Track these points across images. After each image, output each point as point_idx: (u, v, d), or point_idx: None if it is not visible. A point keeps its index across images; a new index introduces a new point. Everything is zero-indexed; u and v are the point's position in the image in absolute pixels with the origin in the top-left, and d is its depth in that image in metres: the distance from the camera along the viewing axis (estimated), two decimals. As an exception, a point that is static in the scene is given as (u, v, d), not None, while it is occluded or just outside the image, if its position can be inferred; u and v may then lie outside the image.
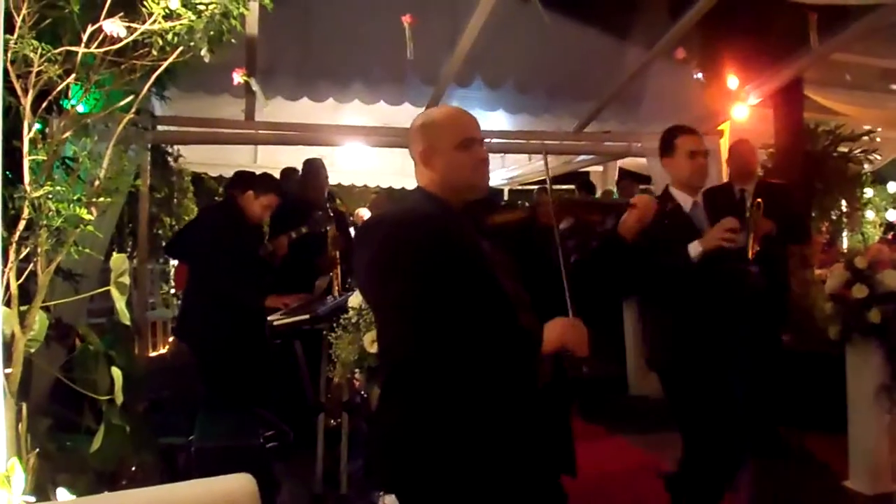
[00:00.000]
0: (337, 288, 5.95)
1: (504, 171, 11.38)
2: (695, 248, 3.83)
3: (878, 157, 10.02)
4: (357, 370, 4.01)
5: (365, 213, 8.79)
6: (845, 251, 9.87)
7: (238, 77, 5.09)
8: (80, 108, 3.47)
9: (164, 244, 9.07)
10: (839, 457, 5.12)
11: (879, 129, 9.64)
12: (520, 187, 12.52)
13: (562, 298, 2.36)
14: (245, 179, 5.71)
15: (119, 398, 3.45)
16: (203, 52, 3.40)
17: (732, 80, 6.97)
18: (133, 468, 4.00)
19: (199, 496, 2.35)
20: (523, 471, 2.35)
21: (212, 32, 3.38)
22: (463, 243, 2.38)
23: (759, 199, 5.53)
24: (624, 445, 6.25)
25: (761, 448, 5.87)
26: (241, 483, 2.37)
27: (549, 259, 2.43)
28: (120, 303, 3.52)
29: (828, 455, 5.50)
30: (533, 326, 2.37)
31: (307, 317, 4.78)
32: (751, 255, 5.41)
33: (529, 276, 2.49)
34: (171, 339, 9.55)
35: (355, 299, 4.09)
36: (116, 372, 3.44)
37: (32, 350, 3.28)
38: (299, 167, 7.75)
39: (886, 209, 13.60)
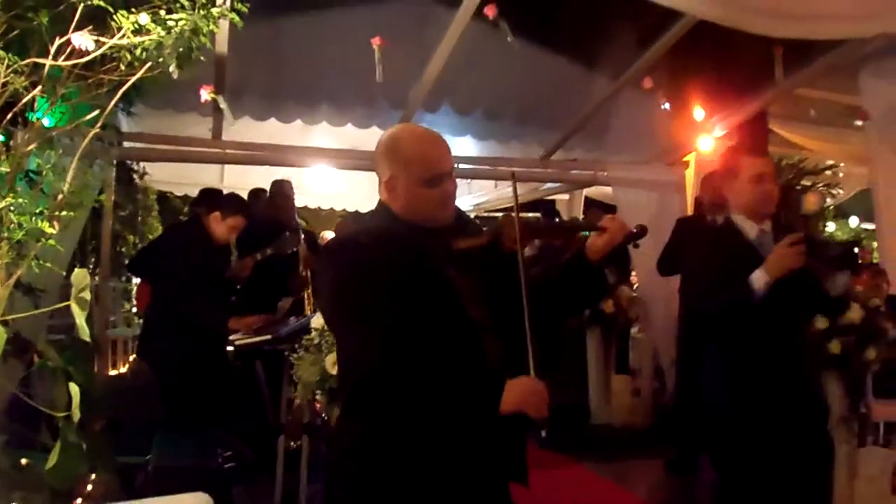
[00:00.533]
0: (309, 307, 5.92)
1: (470, 198, 11.39)
2: (759, 279, 3.41)
3: (841, 192, 10.16)
4: (318, 392, 3.98)
5: (330, 236, 8.77)
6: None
7: (206, 94, 5.09)
8: (46, 122, 3.44)
9: (126, 262, 9.03)
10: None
11: (842, 165, 9.79)
12: (486, 214, 12.54)
13: (523, 329, 2.32)
14: (212, 199, 5.67)
15: (76, 415, 3.40)
16: (172, 69, 3.38)
17: (699, 112, 7.06)
18: (89, 486, 3.94)
19: (156, 514, 2.32)
20: (475, 479, 2.33)
21: (181, 49, 3.37)
22: (425, 267, 2.34)
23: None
24: (586, 474, 6.25)
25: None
26: (197, 501, 2.34)
27: (514, 284, 2.37)
28: (80, 319, 3.48)
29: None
30: (495, 354, 2.35)
31: (269, 337, 4.76)
32: None
33: (494, 301, 2.43)
34: (131, 357, 9.44)
35: (318, 320, 4.06)
36: (74, 388, 3.39)
37: (-11, 365, 3.23)
38: (267, 188, 7.74)
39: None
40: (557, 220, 9.99)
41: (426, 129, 2.56)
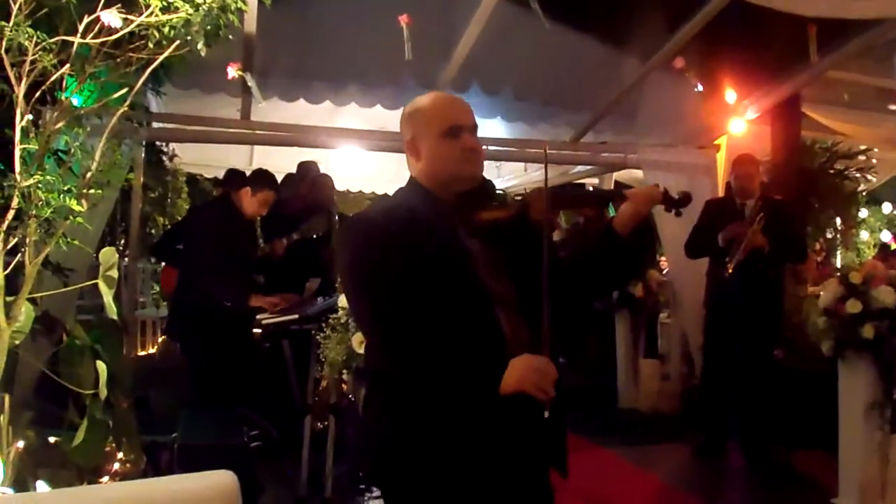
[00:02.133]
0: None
1: (500, 181, 11.36)
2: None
3: (874, 178, 10.01)
4: (345, 371, 3.99)
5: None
6: (839, 269, 9.90)
7: (233, 71, 5.09)
8: (74, 100, 3.45)
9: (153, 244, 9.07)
10: (828, 474, 5.09)
11: (876, 150, 9.63)
12: (516, 197, 12.48)
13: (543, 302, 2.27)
14: (241, 175, 5.68)
15: (103, 392, 3.42)
16: (199, 47, 3.38)
17: (730, 94, 6.97)
18: (115, 464, 3.97)
19: (179, 491, 2.32)
20: (510, 463, 2.29)
21: (209, 27, 3.37)
22: (443, 240, 2.32)
23: (762, 215, 5.58)
24: (613, 458, 6.22)
25: (751, 463, 5.88)
26: (222, 479, 2.33)
27: (539, 257, 2.29)
28: (107, 296, 3.51)
29: (817, 472, 5.48)
30: (517, 328, 2.31)
31: (296, 317, 4.76)
32: (730, 267, 5.47)
33: (520, 275, 2.39)
34: (160, 339, 9.51)
35: (345, 300, 4.06)
36: (101, 366, 3.41)
37: (17, 342, 3.25)
38: (294, 169, 7.77)
39: (881, 230, 13.66)
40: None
41: (444, 92, 2.58)
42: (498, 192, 2.54)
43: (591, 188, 10.26)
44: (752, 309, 5.86)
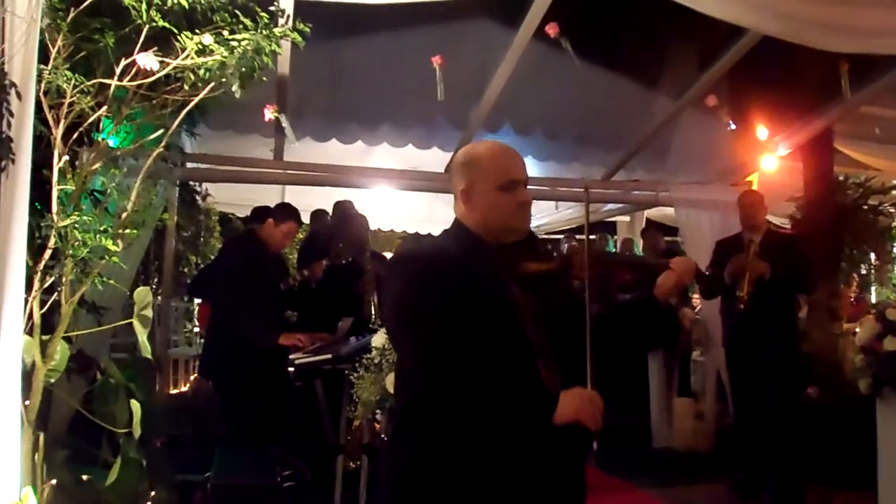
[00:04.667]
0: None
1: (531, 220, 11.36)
2: None
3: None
4: (378, 411, 3.98)
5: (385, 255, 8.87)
6: (873, 305, 9.78)
7: (269, 113, 5.15)
8: (111, 142, 3.51)
9: (188, 282, 9.14)
10: (868, 515, 5.01)
11: (908, 184, 9.55)
12: (545, 236, 12.49)
13: (584, 356, 2.31)
14: (263, 211, 5.73)
15: (137, 431, 3.44)
16: (234, 88, 3.43)
17: (762, 131, 6.94)
18: (148, 503, 3.97)
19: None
20: (531, 500, 2.29)
21: (243, 69, 3.42)
22: (490, 286, 2.34)
23: (754, 241, 5.62)
24: (647, 499, 6.14)
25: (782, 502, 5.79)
26: (256, 519, 2.33)
27: (579, 312, 2.37)
28: (142, 336, 3.54)
29: (857, 513, 5.38)
30: (553, 378, 2.31)
31: (329, 357, 4.77)
32: (744, 295, 5.48)
33: (558, 327, 2.41)
34: (192, 377, 9.54)
35: (379, 338, 4.06)
36: (135, 405, 3.43)
37: (53, 380, 3.28)
38: (327, 208, 7.83)
39: (917, 265, 13.46)
40: (627, 254, 9.94)
41: (499, 142, 2.60)
42: (540, 244, 2.58)
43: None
44: (768, 343, 5.81)
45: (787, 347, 5.90)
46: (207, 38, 3.28)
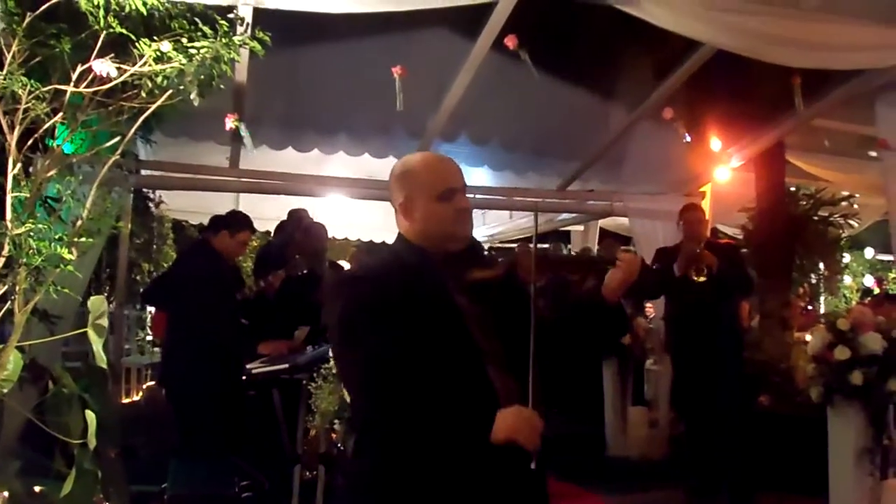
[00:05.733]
0: None
1: (485, 229, 11.38)
2: None
3: (857, 223, 10.11)
4: (336, 421, 3.96)
5: (345, 266, 8.83)
6: (823, 314, 9.95)
7: (230, 122, 5.11)
8: (66, 148, 3.46)
9: (141, 290, 9.02)
10: (819, 521, 5.09)
11: (858, 196, 9.75)
12: (500, 245, 12.53)
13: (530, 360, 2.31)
14: (218, 221, 5.69)
15: (92, 442, 3.39)
16: (193, 96, 3.40)
17: (715, 142, 7.04)
18: (103, 514, 3.91)
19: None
20: None
21: (202, 77, 3.39)
22: (436, 297, 2.35)
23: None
24: (600, 504, 6.19)
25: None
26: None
27: (528, 317, 2.35)
28: (97, 345, 3.48)
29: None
30: (506, 385, 2.32)
31: (287, 366, 4.74)
32: (703, 276, 5.84)
33: (508, 334, 2.41)
34: (145, 385, 9.44)
35: (333, 352, 4.05)
36: (90, 416, 3.38)
37: (5, 391, 3.22)
38: (281, 215, 7.79)
39: (863, 275, 13.75)
40: (573, 253, 10.00)
41: (433, 152, 2.61)
42: (485, 251, 2.59)
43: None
44: (712, 347, 5.98)
45: (733, 351, 6.05)
46: (166, 46, 3.25)
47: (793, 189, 8.62)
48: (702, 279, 5.79)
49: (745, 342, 6.69)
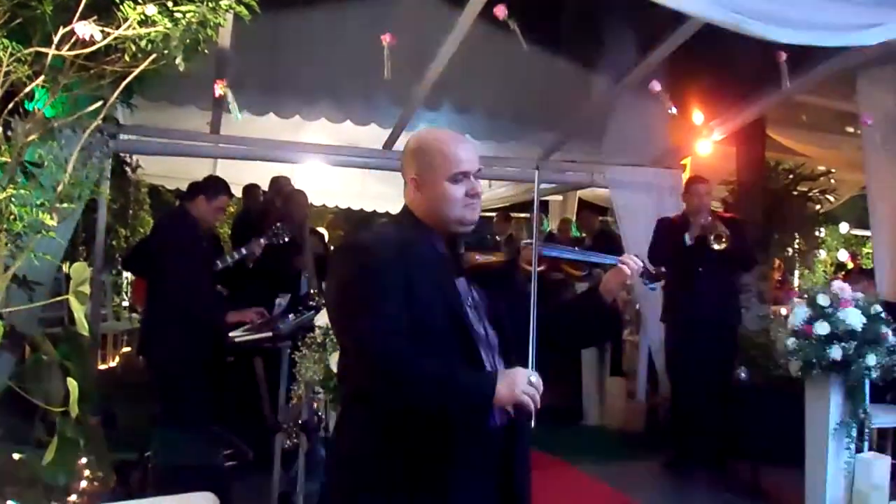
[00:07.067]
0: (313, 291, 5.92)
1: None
2: None
3: (834, 199, 10.20)
4: (321, 390, 3.95)
5: (323, 233, 8.82)
6: (797, 288, 10.05)
7: (219, 89, 5.04)
8: (46, 112, 3.40)
9: (119, 256, 8.95)
10: (794, 491, 5.16)
11: (834, 171, 9.83)
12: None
13: (528, 349, 2.29)
14: (194, 187, 5.64)
15: (74, 411, 3.36)
16: (178, 61, 3.34)
17: (697, 116, 7.05)
18: (83, 482, 3.89)
19: (162, 514, 2.29)
20: (482, 490, 2.31)
21: (188, 41, 3.33)
22: (436, 277, 2.33)
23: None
24: (580, 476, 6.23)
25: (717, 480, 5.94)
26: (205, 502, 2.31)
27: (524, 306, 2.35)
28: (79, 313, 3.43)
29: (783, 489, 5.56)
30: (495, 369, 2.33)
31: (270, 334, 4.71)
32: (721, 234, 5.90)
33: (503, 320, 2.42)
34: (122, 351, 9.39)
35: (323, 318, 4.02)
36: (72, 384, 3.34)
37: (-16, 359, 3.19)
38: (259, 181, 7.74)
39: (838, 249, 13.87)
40: (576, 248, 10.03)
41: (452, 132, 2.56)
42: (487, 236, 2.58)
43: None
44: (711, 320, 6.05)
45: (731, 323, 6.10)
46: (151, 9, 3.18)
47: (773, 164, 8.66)
48: (722, 246, 5.84)
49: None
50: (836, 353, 4.69)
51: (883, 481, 4.82)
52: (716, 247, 5.83)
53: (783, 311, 7.64)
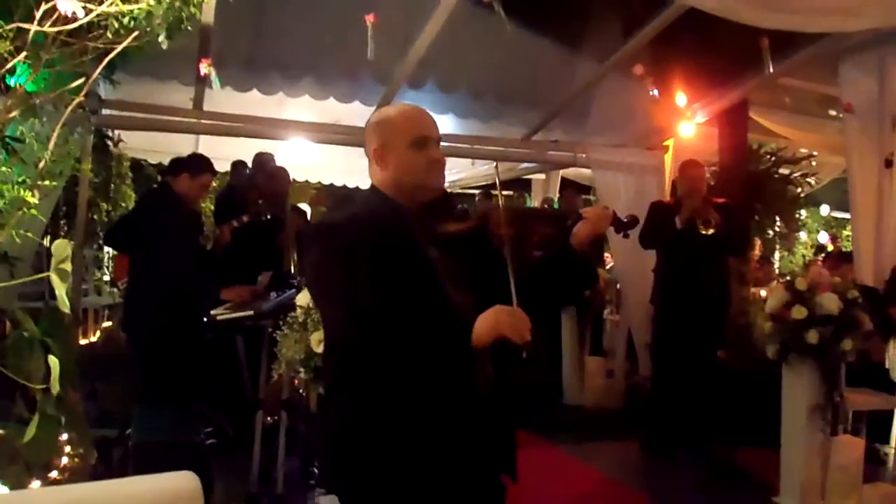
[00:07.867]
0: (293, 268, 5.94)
1: (447, 175, 11.32)
2: None
3: (815, 182, 10.25)
4: (303, 369, 3.96)
5: (306, 210, 8.79)
6: (778, 270, 10.12)
7: (204, 68, 5.02)
8: (28, 88, 3.38)
9: (100, 231, 8.90)
10: (770, 472, 5.22)
11: (816, 154, 9.88)
12: (461, 191, 12.54)
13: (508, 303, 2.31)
14: (178, 164, 5.62)
15: (55, 388, 3.36)
16: (161, 38, 3.33)
17: (680, 98, 7.06)
18: (65, 459, 3.89)
19: (142, 493, 2.30)
20: (463, 469, 2.34)
21: (171, 18, 3.32)
22: (408, 249, 2.36)
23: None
24: (559, 454, 6.29)
25: (695, 460, 6.00)
26: (185, 481, 2.33)
27: (500, 270, 2.37)
28: (60, 290, 3.42)
29: (759, 470, 5.61)
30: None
31: (251, 313, 4.72)
32: (711, 223, 5.89)
33: (479, 286, 2.43)
34: (103, 326, 9.36)
35: (303, 297, 4.03)
36: (54, 361, 3.34)
37: (-34, 335, 3.18)
38: (242, 158, 7.71)
39: (818, 231, 13.98)
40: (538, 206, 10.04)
41: (410, 103, 2.62)
42: (456, 205, 2.60)
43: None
44: (700, 303, 6.04)
45: (718, 312, 6.13)
46: (134, -14, 3.17)
47: (755, 146, 8.69)
48: (710, 231, 5.85)
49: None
50: (812, 337, 4.74)
51: (857, 464, 4.90)
52: (703, 232, 5.85)
53: (763, 293, 7.71)
